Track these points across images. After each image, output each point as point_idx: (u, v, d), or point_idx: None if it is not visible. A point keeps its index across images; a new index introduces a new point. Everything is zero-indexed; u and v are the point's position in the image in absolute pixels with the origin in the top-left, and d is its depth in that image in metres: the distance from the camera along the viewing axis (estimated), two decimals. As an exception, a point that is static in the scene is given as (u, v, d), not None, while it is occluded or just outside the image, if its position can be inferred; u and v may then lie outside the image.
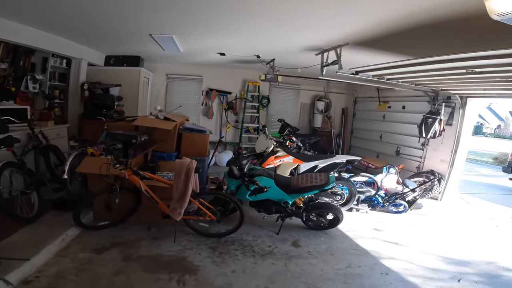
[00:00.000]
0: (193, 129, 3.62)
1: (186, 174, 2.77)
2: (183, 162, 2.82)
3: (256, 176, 3.11)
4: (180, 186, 2.78)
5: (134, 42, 4.79)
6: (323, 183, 3.07)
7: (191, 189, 2.80)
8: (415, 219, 4.49)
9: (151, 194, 2.93)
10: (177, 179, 2.80)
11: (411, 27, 2.82)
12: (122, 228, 3.33)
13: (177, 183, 2.79)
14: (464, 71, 2.99)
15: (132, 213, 3.30)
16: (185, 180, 2.77)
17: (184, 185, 2.77)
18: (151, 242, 3.14)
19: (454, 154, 5.08)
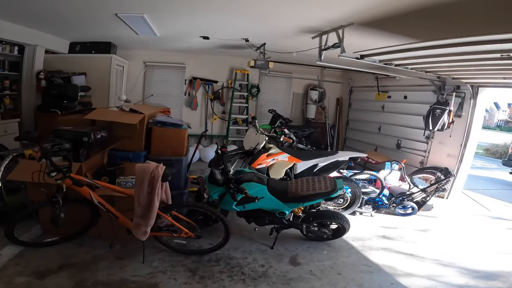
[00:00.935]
0: (165, 122, 2.96)
1: (150, 183, 2.15)
2: (145, 168, 2.19)
3: (244, 182, 2.51)
4: (142, 199, 2.17)
5: (100, 25, 4.10)
6: (328, 190, 2.51)
7: (158, 202, 2.19)
8: (426, 222, 4.04)
9: (108, 207, 2.31)
10: (138, 190, 2.19)
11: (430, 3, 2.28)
12: (78, 244, 2.71)
13: (139, 195, 2.18)
14: (498, 55, 2.45)
15: (90, 226, 2.69)
16: (149, 192, 2.16)
17: (148, 197, 2.16)
18: (113, 262, 2.53)
19: (463, 148, 4.64)
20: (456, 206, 4.74)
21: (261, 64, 4.74)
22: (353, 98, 7.26)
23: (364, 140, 6.74)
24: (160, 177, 2.15)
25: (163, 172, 2.17)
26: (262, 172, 3.21)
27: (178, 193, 3.16)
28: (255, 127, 3.18)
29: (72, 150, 2.52)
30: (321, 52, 3.71)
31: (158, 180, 2.13)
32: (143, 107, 3.23)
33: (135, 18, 3.50)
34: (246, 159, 3.20)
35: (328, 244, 3.16)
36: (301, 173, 3.25)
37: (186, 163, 3.17)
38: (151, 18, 3.60)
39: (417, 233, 3.70)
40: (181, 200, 3.24)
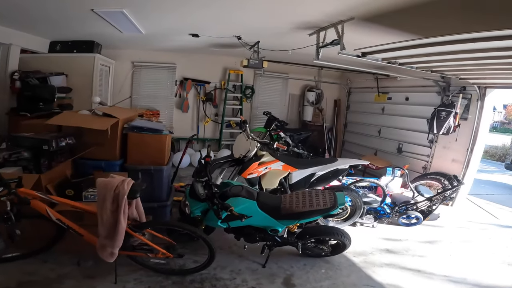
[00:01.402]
0: (143, 127, 2.62)
1: (115, 201, 1.83)
2: (107, 183, 1.87)
3: (230, 197, 2.19)
4: (106, 218, 1.85)
5: (78, 22, 3.81)
6: (327, 207, 2.19)
7: (125, 222, 1.87)
8: (432, 233, 3.75)
9: (68, 224, 1.99)
10: (101, 208, 1.86)
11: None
12: (42, 260, 2.40)
13: (101, 213, 1.86)
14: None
15: (56, 241, 2.36)
16: (113, 210, 1.84)
17: (113, 216, 1.84)
18: (80, 282, 2.21)
19: (470, 153, 4.36)
20: (462, 214, 4.46)
21: (255, 63, 4.45)
22: (352, 100, 6.97)
23: (363, 143, 6.45)
24: (126, 194, 1.82)
25: (129, 187, 1.84)
26: (253, 182, 2.89)
27: (160, 205, 2.86)
28: (246, 132, 2.87)
29: (33, 160, 2.18)
30: (318, 50, 3.42)
31: (124, 197, 1.81)
32: (119, 110, 2.90)
33: (114, 14, 3.20)
34: (236, 167, 2.89)
35: (327, 261, 2.85)
36: (297, 182, 2.94)
37: (168, 172, 2.85)
38: (132, 14, 3.29)
39: (423, 245, 3.41)
40: (163, 213, 2.92)
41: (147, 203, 2.78)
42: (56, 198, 2.00)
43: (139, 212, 2.12)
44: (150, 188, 2.76)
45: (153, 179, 2.70)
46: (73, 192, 2.32)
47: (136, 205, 2.06)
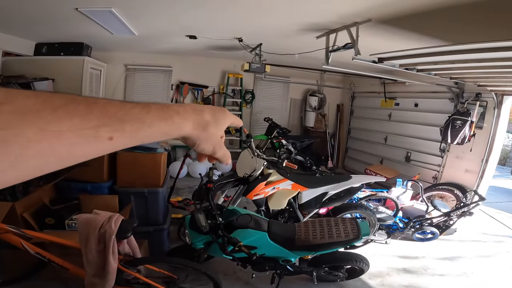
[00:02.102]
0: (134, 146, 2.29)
1: (101, 241, 1.52)
2: (90, 221, 1.55)
3: (237, 229, 1.89)
4: (92, 258, 1.55)
5: (63, 23, 3.48)
6: (349, 238, 1.90)
7: (116, 262, 1.56)
8: (450, 248, 3.51)
9: (50, 258, 1.68)
10: (84, 247, 1.56)
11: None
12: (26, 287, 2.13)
13: (86, 253, 1.56)
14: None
15: (40, 267, 2.05)
16: (99, 250, 1.53)
17: (100, 256, 1.53)
18: None
19: (485, 164, 4.11)
20: (476, 226, 4.24)
21: (256, 67, 4.16)
22: (355, 105, 6.71)
23: (368, 151, 6.19)
24: (115, 234, 1.51)
25: (117, 226, 1.53)
26: (259, 203, 2.59)
27: (156, 229, 2.54)
28: (251, 148, 2.57)
29: (6, 185, 1.85)
30: (328, 54, 3.13)
31: (112, 238, 1.50)
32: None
33: (102, 13, 2.88)
34: (240, 187, 2.59)
35: (341, 286, 2.60)
36: (307, 202, 2.65)
37: (164, 194, 2.54)
38: (122, 13, 2.98)
39: (442, 262, 3.18)
40: (160, 237, 2.61)
41: (142, 227, 2.49)
42: (30, 233, 1.68)
43: (132, 247, 1.81)
44: (145, 212, 2.46)
45: (147, 202, 2.39)
46: (53, 220, 2.00)
47: (128, 239, 1.75)
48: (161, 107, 0.39)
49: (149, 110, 0.37)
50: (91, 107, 0.31)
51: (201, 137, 0.45)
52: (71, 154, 0.30)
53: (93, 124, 0.31)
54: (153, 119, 0.37)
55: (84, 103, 0.31)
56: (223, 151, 0.51)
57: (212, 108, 0.48)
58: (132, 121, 0.35)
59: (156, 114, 0.38)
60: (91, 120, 0.31)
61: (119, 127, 0.33)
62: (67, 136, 0.29)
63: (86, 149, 0.31)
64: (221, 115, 0.49)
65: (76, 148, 0.30)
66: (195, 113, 0.44)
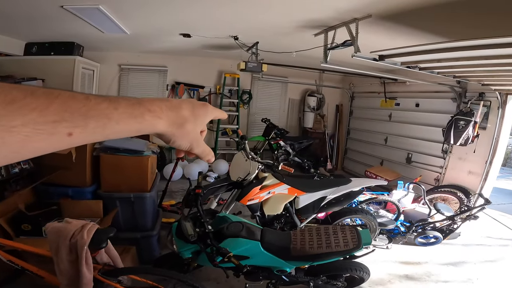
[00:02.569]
0: (118, 148, 2.17)
1: (73, 251, 1.40)
2: (61, 230, 1.42)
3: (228, 237, 1.75)
4: (64, 268, 1.42)
5: (51, 21, 3.37)
6: (349, 248, 1.76)
7: (90, 272, 1.44)
8: (452, 253, 3.38)
9: (23, 265, 1.55)
10: (56, 257, 1.43)
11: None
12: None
13: (57, 262, 1.43)
14: None
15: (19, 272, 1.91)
16: (72, 260, 1.40)
17: (73, 267, 1.40)
18: None
19: (489, 165, 3.98)
20: (480, 229, 4.09)
21: (253, 66, 4.04)
22: (355, 105, 6.58)
23: (368, 152, 6.05)
24: (87, 245, 1.38)
25: (90, 236, 1.39)
26: (254, 208, 2.45)
27: (144, 235, 2.41)
28: (245, 150, 2.43)
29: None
30: (327, 52, 3.01)
31: (84, 248, 1.37)
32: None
33: (90, 11, 2.76)
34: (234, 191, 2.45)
35: (340, 296, 2.45)
36: (304, 207, 2.52)
37: (153, 198, 2.40)
38: (111, 11, 2.86)
39: (446, 268, 3.05)
40: (149, 243, 2.47)
41: (129, 233, 2.37)
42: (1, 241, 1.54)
43: (112, 256, 1.68)
44: (132, 217, 2.33)
45: (134, 208, 2.25)
46: (30, 227, 1.87)
47: (106, 248, 1.61)
48: (131, 103, 0.38)
49: (118, 106, 0.36)
50: (52, 101, 0.31)
51: (176, 134, 0.44)
52: (26, 149, 0.30)
53: (51, 119, 0.30)
54: (121, 116, 0.36)
55: (44, 97, 0.31)
56: (201, 147, 0.50)
57: (192, 104, 0.47)
58: (97, 117, 0.34)
59: (125, 111, 0.37)
60: (49, 115, 0.30)
61: (82, 123, 0.33)
62: (21, 130, 0.29)
63: (43, 143, 0.31)
64: (201, 111, 0.47)
65: (31, 143, 0.30)
66: (171, 109, 0.43)
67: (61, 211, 2.04)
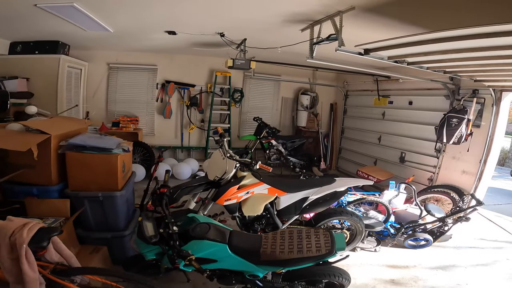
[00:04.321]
0: (85, 146, 2.08)
1: (13, 249, 1.32)
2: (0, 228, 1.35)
3: (193, 239, 1.65)
4: (8, 266, 1.35)
5: (29, 20, 3.33)
6: (322, 253, 1.65)
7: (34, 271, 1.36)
8: (442, 256, 3.27)
9: None
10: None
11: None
12: None
13: (1, 261, 1.35)
14: None
15: None
16: (14, 258, 1.33)
17: (16, 265, 1.33)
18: None
19: (483, 165, 3.87)
20: (473, 231, 3.99)
21: (241, 64, 3.94)
22: (349, 104, 6.47)
23: (362, 151, 5.94)
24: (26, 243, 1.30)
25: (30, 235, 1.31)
26: (232, 209, 2.35)
27: (115, 235, 2.32)
28: (223, 148, 2.33)
29: None
30: (312, 47, 2.91)
31: (23, 247, 1.29)
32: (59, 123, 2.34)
33: (65, 9, 2.70)
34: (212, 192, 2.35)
35: (322, 301, 2.34)
36: (286, 208, 2.41)
37: (127, 197, 2.30)
38: (88, 8, 2.78)
39: (435, 272, 2.95)
40: (121, 244, 2.37)
41: (100, 232, 2.29)
42: None
43: (65, 255, 1.59)
44: (102, 217, 2.24)
45: (104, 207, 2.16)
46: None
47: (57, 248, 1.53)
48: None
49: None
50: None
51: None
52: None
53: None
54: None
55: None
56: None
57: None
58: None
59: None
60: None
61: None
62: None
63: None
64: None
65: None
66: None
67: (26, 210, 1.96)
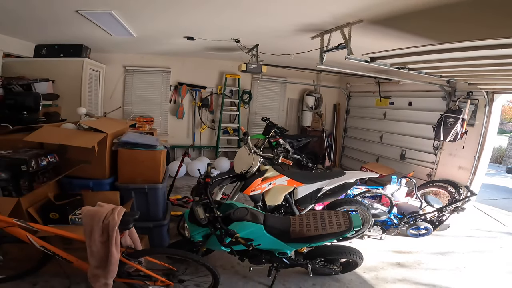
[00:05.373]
0: (134, 143, 2.39)
1: (104, 232, 1.61)
2: (94, 214, 1.64)
3: (235, 221, 1.97)
4: (96, 250, 1.64)
5: (63, 24, 3.55)
6: (342, 230, 1.99)
7: (118, 253, 1.65)
8: (443, 243, 3.58)
9: (55, 251, 1.76)
10: (89, 239, 1.65)
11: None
12: (31, 283, 2.20)
13: (90, 244, 1.65)
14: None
15: (44, 263, 2.14)
16: (103, 241, 1.62)
17: (104, 247, 1.62)
18: None
19: (477, 160, 4.21)
20: (470, 222, 4.32)
21: (253, 68, 4.24)
22: (352, 104, 6.81)
23: (364, 149, 6.28)
24: (117, 225, 1.59)
25: (120, 217, 1.61)
26: (256, 199, 2.67)
27: (156, 224, 2.62)
28: (248, 145, 2.65)
29: (12, 181, 1.93)
30: (323, 54, 3.22)
31: (115, 229, 1.58)
32: (108, 122, 2.65)
33: (102, 16, 2.96)
34: (238, 184, 2.67)
35: (337, 279, 2.66)
36: (303, 198, 2.74)
37: (164, 190, 2.61)
38: (122, 15, 3.06)
39: (435, 257, 3.26)
40: (160, 232, 2.68)
41: (143, 222, 2.58)
42: (36, 226, 1.76)
43: (134, 239, 1.89)
44: (145, 208, 2.54)
45: (147, 198, 2.47)
46: (58, 215, 2.08)
47: (129, 232, 1.82)
48: None
49: None
50: None
51: None
52: None
53: None
54: None
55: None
56: None
57: None
58: None
59: None
60: None
61: None
62: None
63: None
64: None
65: None
66: None
67: (83, 202, 2.25)
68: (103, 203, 1.69)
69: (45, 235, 1.88)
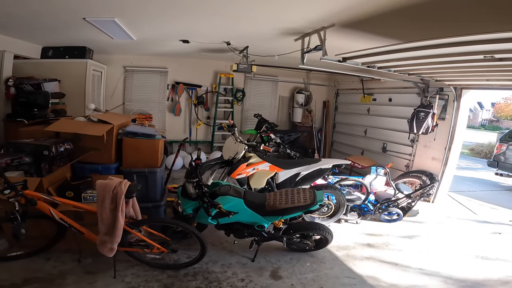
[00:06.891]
0: (136, 133, 2.80)
1: (113, 201, 2.01)
2: (106, 185, 2.04)
3: (219, 196, 2.36)
4: (106, 217, 2.03)
5: (70, 30, 3.91)
6: (307, 203, 2.39)
7: (123, 219, 2.05)
8: (411, 228, 3.96)
9: (71, 223, 2.16)
10: (100, 207, 2.04)
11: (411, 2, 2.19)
12: (45, 258, 2.56)
13: (101, 212, 2.04)
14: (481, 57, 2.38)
15: (58, 240, 2.52)
16: (112, 209, 2.01)
17: (112, 214, 2.01)
18: (82, 277, 2.37)
19: (448, 151, 4.60)
20: (442, 210, 4.69)
21: (244, 68, 4.62)
22: (339, 101, 7.21)
23: (351, 143, 6.69)
24: (124, 194, 1.99)
25: (127, 188, 2.01)
26: (242, 182, 3.07)
27: (154, 205, 3.01)
28: (234, 135, 3.03)
29: (34, 164, 2.32)
30: (303, 55, 3.60)
31: (122, 197, 1.98)
32: (113, 116, 3.05)
33: (106, 22, 3.34)
34: (226, 169, 3.05)
35: (312, 255, 3.04)
36: (283, 182, 3.13)
37: (162, 174, 3.01)
38: (124, 22, 3.44)
39: (402, 240, 3.62)
40: (158, 212, 3.07)
41: (142, 203, 2.94)
42: (59, 199, 2.15)
43: (136, 211, 2.29)
44: (145, 190, 2.92)
45: (147, 181, 2.86)
46: (72, 194, 2.47)
47: (132, 204, 2.22)
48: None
49: None
50: None
51: None
52: None
53: None
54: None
55: None
56: None
57: None
58: None
59: None
60: None
61: None
62: None
63: None
64: None
65: None
66: None
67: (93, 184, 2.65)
68: (113, 177, 2.09)
69: (64, 210, 2.27)
